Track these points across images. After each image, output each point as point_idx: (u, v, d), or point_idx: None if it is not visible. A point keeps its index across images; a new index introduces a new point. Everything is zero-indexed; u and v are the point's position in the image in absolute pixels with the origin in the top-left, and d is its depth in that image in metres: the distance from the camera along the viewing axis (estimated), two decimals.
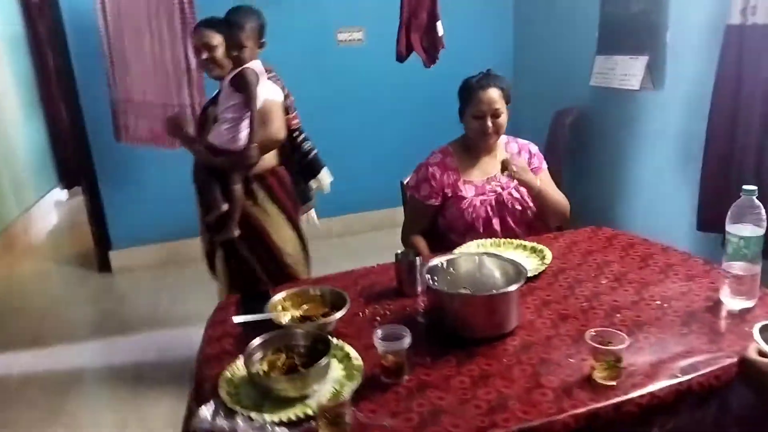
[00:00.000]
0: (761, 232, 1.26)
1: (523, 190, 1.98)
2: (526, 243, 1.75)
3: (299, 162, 2.44)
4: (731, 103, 2.39)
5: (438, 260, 1.41)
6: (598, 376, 1.10)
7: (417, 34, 2.73)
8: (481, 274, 1.37)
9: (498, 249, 1.74)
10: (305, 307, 1.42)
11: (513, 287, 1.25)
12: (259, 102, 2.05)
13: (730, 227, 1.30)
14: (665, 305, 1.39)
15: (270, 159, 2.21)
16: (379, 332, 1.16)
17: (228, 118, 2.07)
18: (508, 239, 1.79)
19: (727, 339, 1.23)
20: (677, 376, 1.11)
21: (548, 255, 1.65)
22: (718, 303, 1.37)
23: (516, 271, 1.32)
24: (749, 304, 1.31)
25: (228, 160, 2.07)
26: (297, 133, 2.41)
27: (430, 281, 1.33)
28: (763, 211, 1.25)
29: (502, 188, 1.99)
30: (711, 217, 2.62)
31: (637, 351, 1.19)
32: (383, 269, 1.72)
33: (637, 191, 3.20)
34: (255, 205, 2.17)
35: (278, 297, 1.42)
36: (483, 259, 1.39)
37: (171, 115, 2.36)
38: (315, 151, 2.49)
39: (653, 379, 1.11)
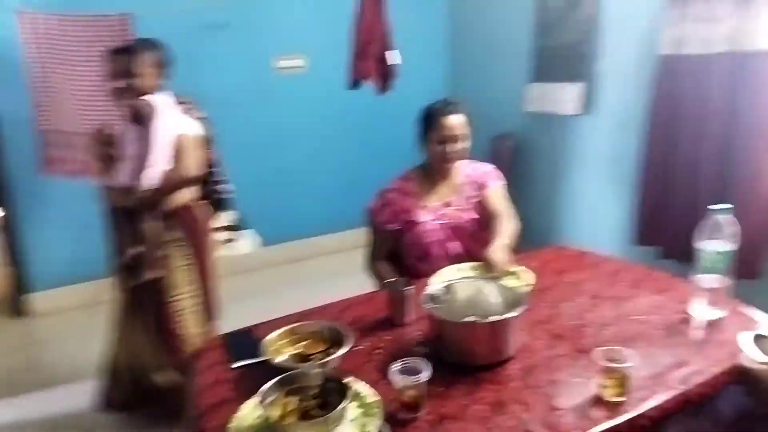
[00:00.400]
0: (732, 247, 1.37)
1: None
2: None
3: (208, 197, 2.36)
4: (666, 129, 2.60)
5: (436, 287, 1.42)
6: (608, 393, 1.15)
7: (370, 62, 2.76)
8: (481, 300, 1.39)
9: (475, 272, 1.77)
10: (302, 344, 1.37)
11: (517, 311, 1.27)
12: (169, 137, 2.00)
13: (703, 243, 1.41)
14: (645, 319, 1.47)
15: (186, 194, 2.14)
16: (397, 366, 1.14)
17: (129, 155, 1.99)
18: (485, 263, 1.83)
19: (711, 348, 1.33)
20: (678, 387, 1.17)
21: (527, 277, 1.70)
22: (691, 315, 1.48)
23: (514, 295, 1.36)
24: (722, 314, 1.42)
25: (132, 199, 1.98)
26: (212, 168, 2.34)
27: (432, 310, 1.33)
28: (733, 228, 1.37)
29: (458, 212, 2.03)
30: (648, 233, 2.83)
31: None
32: (367, 299, 1.70)
33: (575, 209, 3.39)
34: (165, 244, 2.09)
35: (273, 336, 1.36)
36: (481, 285, 1.41)
37: (100, 128, 2.22)
38: (224, 190, 2.43)
39: (657, 391, 1.17)
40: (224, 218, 2.46)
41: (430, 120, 2.00)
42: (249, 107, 3.74)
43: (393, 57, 2.78)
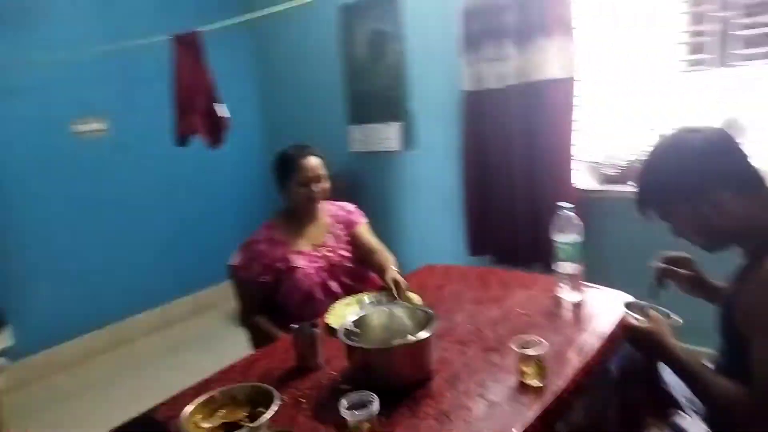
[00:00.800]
0: (580, 238, 1.63)
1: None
2: (387, 291, 1.86)
3: None
4: (478, 154, 2.97)
5: (347, 322, 1.41)
6: (530, 378, 1.26)
7: (197, 117, 2.66)
8: (395, 323, 1.42)
9: (363, 301, 1.80)
10: (220, 414, 1.24)
11: (434, 326, 1.33)
12: None
13: (558, 237, 1.65)
14: (526, 311, 1.66)
15: None
16: (344, 402, 1.11)
17: None
18: (370, 292, 1.87)
19: (586, 323, 1.55)
20: (579, 360, 1.35)
21: (413, 296, 1.79)
22: (557, 300, 1.70)
23: (424, 314, 1.42)
24: (581, 296, 1.67)
25: None
26: None
27: (352, 343, 1.32)
28: (580, 222, 1.63)
29: (333, 251, 2.06)
30: (478, 244, 3.16)
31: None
32: (268, 353, 1.61)
33: (414, 233, 3.63)
34: None
35: (187, 412, 1.20)
36: (391, 310, 1.45)
37: None
38: None
39: (564, 368, 1.32)
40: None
41: (290, 164, 2.00)
42: (41, 180, 3.27)
43: (221, 110, 2.72)
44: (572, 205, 1.65)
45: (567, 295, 1.68)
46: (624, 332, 1.33)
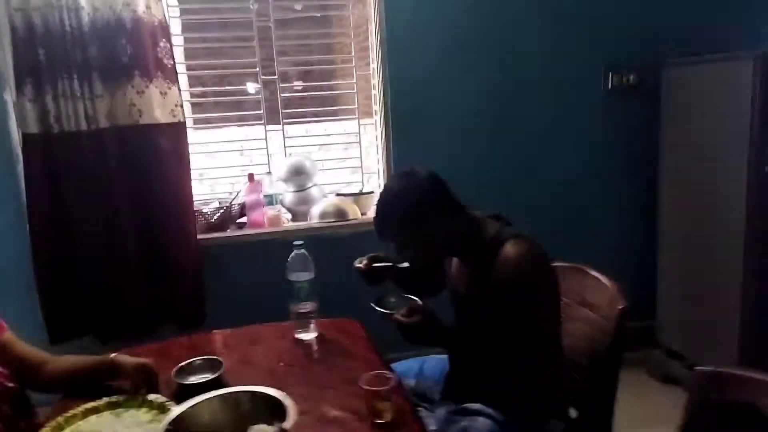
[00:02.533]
0: (313, 274, 1.63)
1: None
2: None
3: None
4: (58, 213, 2.33)
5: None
6: (387, 416, 1.21)
7: None
8: (229, 409, 1.07)
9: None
10: None
11: (292, 410, 1.07)
12: None
13: (294, 276, 1.60)
14: (285, 359, 1.55)
15: None
16: None
17: None
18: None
19: (341, 348, 1.59)
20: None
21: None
22: (300, 341, 1.65)
23: (264, 396, 1.11)
24: (316, 330, 1.66)
25: None
26: None
27: None
28: (311, 259, 1.63)
29: None
30: (68, 327, 2.45)
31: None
32: None
33: None
34: None
35: None
36: (234, 396, 1.07)
37: None
38: None
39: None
40: None
41: None
42: None
43: None
44: (302, 242, 1.64)
45: (307, 334, 1.65)
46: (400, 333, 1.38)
